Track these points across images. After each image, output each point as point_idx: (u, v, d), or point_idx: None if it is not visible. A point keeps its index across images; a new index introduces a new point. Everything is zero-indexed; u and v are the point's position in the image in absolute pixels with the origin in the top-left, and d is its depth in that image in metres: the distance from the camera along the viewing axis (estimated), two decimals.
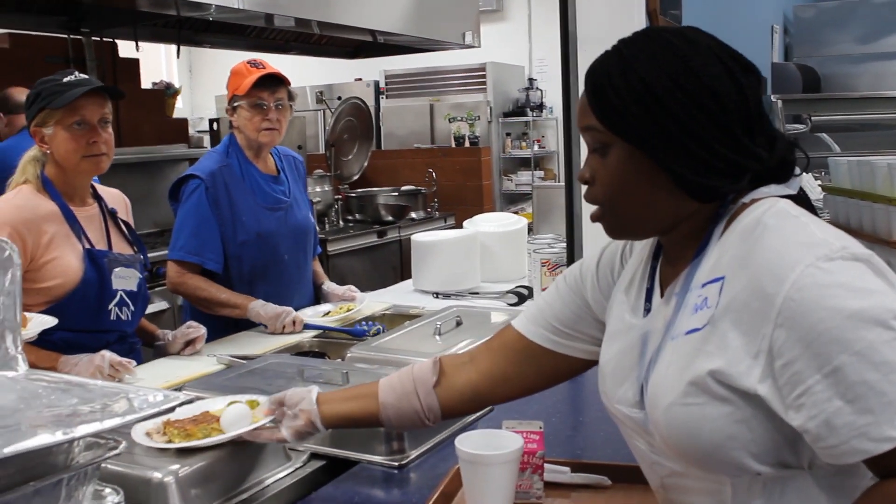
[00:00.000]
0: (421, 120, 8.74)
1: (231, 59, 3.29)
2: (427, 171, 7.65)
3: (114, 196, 2.49)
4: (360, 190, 6.88)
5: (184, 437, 1.51)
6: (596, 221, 1.24)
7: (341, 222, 6.26)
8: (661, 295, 1.23)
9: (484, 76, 8.50)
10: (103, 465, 1.25)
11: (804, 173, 1.23)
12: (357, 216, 6.48)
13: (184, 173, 2.84)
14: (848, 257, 1.04)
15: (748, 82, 1.16)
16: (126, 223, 2.44)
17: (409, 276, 3.44)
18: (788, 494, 1.10)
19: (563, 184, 3.26)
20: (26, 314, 2.02)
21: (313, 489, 1.59)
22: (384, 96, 8.93)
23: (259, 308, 2.66)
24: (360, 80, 8.92)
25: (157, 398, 1.23)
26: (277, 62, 2.96)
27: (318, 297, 3.04)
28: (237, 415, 1.54)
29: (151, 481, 1.40)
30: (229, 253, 2.78)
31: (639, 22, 2.54)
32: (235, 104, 2.83)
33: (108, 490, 1.30)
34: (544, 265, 2.84)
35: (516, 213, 8.36)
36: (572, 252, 2.66)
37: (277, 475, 1.59)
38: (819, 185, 3.51)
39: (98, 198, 2.41)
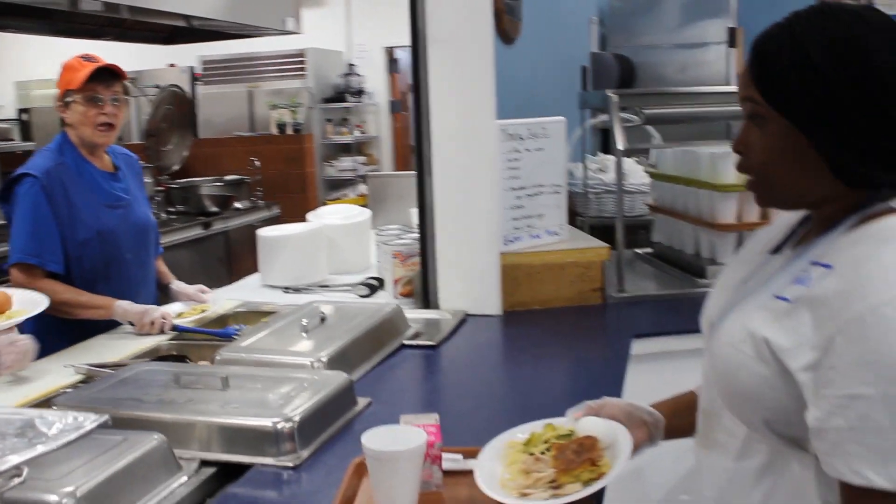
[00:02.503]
0: (239, 107, 8.57)
1: (37, 43, 3.10)
2: (249, 160, 7.52)
3: None
4: (182, 181, 6.68)
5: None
6: (749, 190, 1.27)
7: (164, 214, 6.07)
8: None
9: (303, 62, 8.42)
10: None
11: None
12: (180, 208, 6.29)
13: (16, 172, 2.69)
14: None
15: None
16: None
17: (236, 268, 3.40)
18: (785, 466, 1.20)
19: (397, 172, 3.32)
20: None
21: (208, 496, 1.58)
22: (200, 83, 8.68)
23: (126, 306, 2.58)
24: (174, 66, 8.63)
25: (68, 421, 1.20)
26: (88, 48, 2.85)
27: (164, 297, 2.97)
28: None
29: None
30: (70, 253, 2.67)
31: (486, 19, 2.62)
32: (68, 99, 2.72)
33: None
34: (396, 256, 2.89)
35: (338, 199, 8.39)
36: (425, 243, 2.72)
37: (171, 486, 1.56)
38: (644, 171, 3.73)
39: None
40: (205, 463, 1.65)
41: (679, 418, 1.47)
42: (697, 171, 3.02)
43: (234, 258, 6.44)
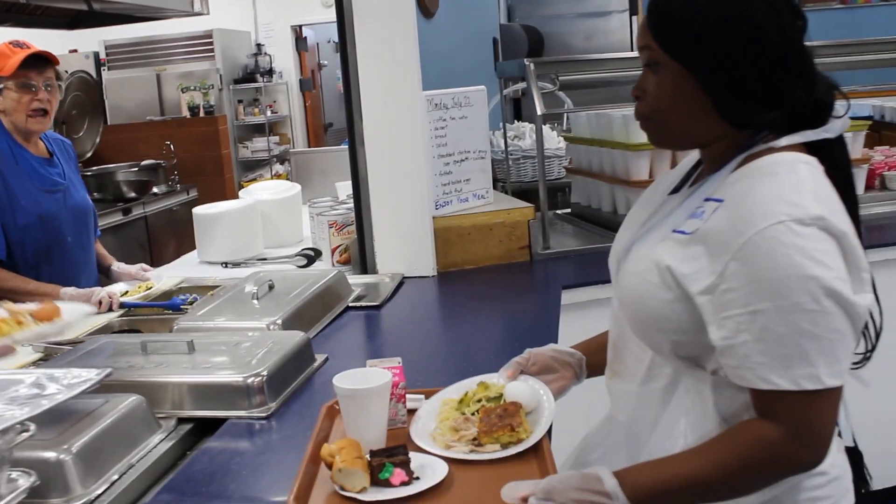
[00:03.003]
0: (148, 91, 8.48)
1: None
2: (164, 144, 7.49)
3: None
4: (95, 168, 6.64)
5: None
6: (644, 131, 1.42)
7: None
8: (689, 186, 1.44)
9: (211, 43, 8.37)
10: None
11: (839, 118, 1.36)
12: (97, 195, 6.25)
13: None
14: (820, 227, 1.20)
15: (792, 26, 1.30)
16: None
17: (157, 253, 3.47)
18: (687, 385, 1.36)
19: (319, 148, 3.43)
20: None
21: (188, 449, 1.70)
22: (105, 68, 8.55)
23: (71, 291, 2.64)
24: (76, 51, 8.49)
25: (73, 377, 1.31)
26: None
27: (105, 280, 3.04)
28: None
29: (49, 460, 1.46)
30: (11, 238, 2.73)
31: None
32: (0, 86, 2.75)
33: (16, 474, 1.36)
34: (332, 226, 3.02)
35: (254, 179, 8.40)
36: (360, 211, 2.86)
37: (153, 442, 1.68)
38: (558, 136, 3.93)
39: None
40: (182, 420, 1.77)
41: (598, 355, 1.64)
42: (611, 133, 3.22)
43: (155, 242, 6.45)
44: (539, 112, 2.98)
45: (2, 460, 1.31)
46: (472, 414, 1.56)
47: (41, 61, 2.76)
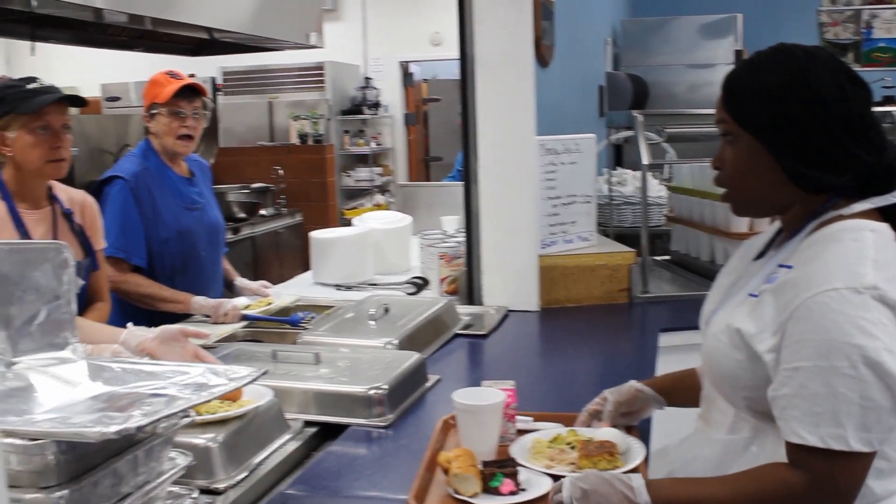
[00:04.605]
0: (259, 117, 8.82)
1: (62, 52, 3.27)
2: (272, 168, 7.82)
3: (73, 198, 2.63)
4: None
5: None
6: (724, 201, 1.55)
7: None
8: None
9: (322, 75, 8.69)
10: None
11: None
12: None
13: (106, 174, 3.00)
14: (874, 297, 1.29)
15: (854, 94, 1.41)
16: (80, 225, 2.59)
17: (262, 272, 3.66)
18: (766, 438, 1.46)
19: (426, 182, 3.63)
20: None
21: (314, 450, 1.88)
22: (221, 93, 8.96)
23: (201, 301, 2.87)
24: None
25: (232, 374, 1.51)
26: (117, 59, 3.07)
27: (228, 293, 3.27)
28: None
29: (199, 446, 1.66)
30: (152, 250, 2.97)
31: (528, 46, 2.94)
32: (153, 111, 3.03)
33: (175, 453, 1.56)
34: (442, 258, 3.20)
35: (356, 208, 8.67)
36: (471, 245, 3.03)
37: (283, 440, 1.86)
38: (659, 184, 4.05)
39: (55, 199, 2.56)
40: (307, 423, 1.96)
41: (679, 392, 1.79)
42: (712, 184, 3.32)
43: (261, 262, 6.74)
44: (645, 162, 3.12)
45: (166, 440, 1.51)
46: (569, 445, 1.70)
47: (191, 92, 3.03)
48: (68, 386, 1.52)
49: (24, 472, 1.26)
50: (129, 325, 2.24)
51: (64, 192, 2.61)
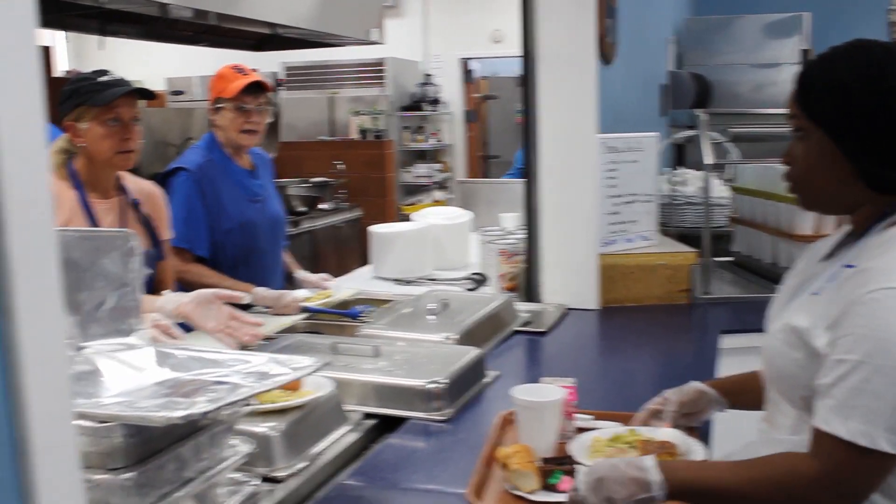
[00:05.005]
0: (320, 112, 8.91)
1: (122, 45, 3.32)
2: (331, 163, 7.88)
3: (142, 188, 2.69)
4: None
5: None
6: (791, 194, 1.53)
7: None
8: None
9: (382, 71, 8.74)
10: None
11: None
12: None
13: (171, 166, 3.05)
14: None
15: None
16: (147, 215, 2.64)
17: (321, 266, 3.68)
18: None
19: (488, 179, 3.62)
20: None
21: (372, 442, 1.89)
22: (283, 88, 9.05)
23: (263, 291, 2.91)
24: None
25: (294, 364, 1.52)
26: (183, 53, 3.11)
27: (288, 285, 3.31)
28: None
29: (260, 434, 1.68)
30: (215, 240, 3.01)
31: (591, 43, 2.91)
32: (219, 105, 3.07)
33: (237, 440, 1.58)
34: (501, 254, 3.19)
35: (414, 204, 8.70)
36: (531, 242, 3.02)
37: (342, 431, 1.88)
38: (722, 184, 3.99)
39: (123, 190, 2.61)
40: (366, 415, 1.97)
41: (742, 395, 1.77)
42: (777, 186, 3.27)
43: (319, 256, 6.80)
44: (708, 161, 3.08)
45: (228, 427, 1.54)
46: (628, 445, 1.69)
47: (257, 88, 3.06)
48: (135, 371, 1.55)
49: (93, 453, 1.29)
50: (166, 291, 2.28)
51: (132, 182, 2.66)
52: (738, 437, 1.74)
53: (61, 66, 7.94)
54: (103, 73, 2.48)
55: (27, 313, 0.62)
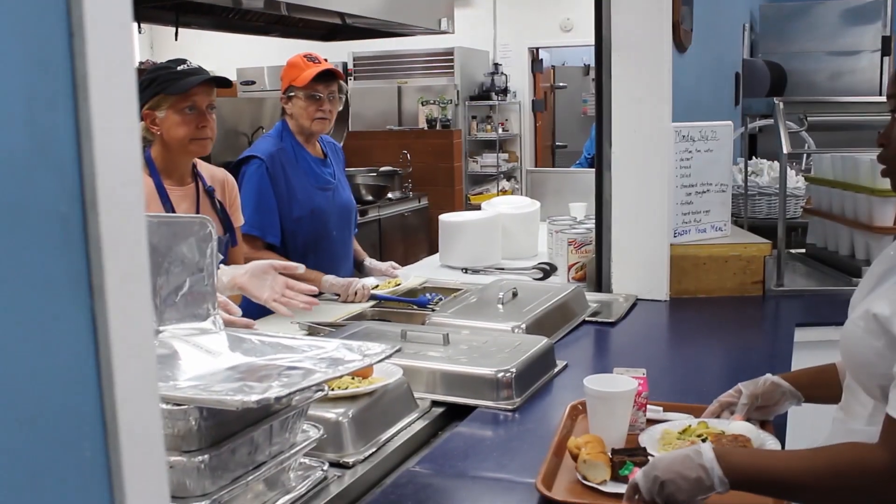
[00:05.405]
0: (388, 102, 8.95)
1: (192, 37, 3.34)
2: (400, 153, 7.91)
3: (215, 176, 2.73)
4: None
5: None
6: (885, 176, 1.51)
7: None
8: None
9: (451, 60, 8.75)
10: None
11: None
12: None
13: (243, 154, 3.10)
14: None
15: None
16: (221, 202, 2.69)
17: (388, 254, 3.69)
18: None
19: (557, 169, 3.58)
20: None
21: (440, 430, 1.90)
22: (351, 78, 9.12)
23: (332, 279, 2.94)
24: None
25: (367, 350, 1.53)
26: (253, 44, 3.13)
27: (357, 273, 3.33)
28: None
29: (330, 420, 1.69)
30: (286, 228, 3.05)
31: (666, 30, 2.87)
32: (291, 94, 3.10)
33: (307, 426, 1.60)
34: (571, 244, 3.17)
35: (481, 194, 8.69)
36: (600, 232, 2.99)
37: (411, 418, 1.89)
38: (797, 175, 3.91)
39: (198, 177, 2.65)
40: (435, 403, 1.97)
41: (817, 388, 1.73)
42: (857, 176, 3.18)
43: (386, 244, 6.85)
44: (785, 151, 3.01)
45: (300, 413, 1.55)
46: (700, 437, 1.66)
47: (329, 76, 3.08)
48: (209, 355, 1.57)
49: (169, 435, 1.32)
50: (222, 266, 2.31)
51: (206, 169, 2.71)
52: (814, 432, 1.70)
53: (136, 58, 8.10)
54: (181, 62, 2.52)
55: (117, 294, 0.63)
